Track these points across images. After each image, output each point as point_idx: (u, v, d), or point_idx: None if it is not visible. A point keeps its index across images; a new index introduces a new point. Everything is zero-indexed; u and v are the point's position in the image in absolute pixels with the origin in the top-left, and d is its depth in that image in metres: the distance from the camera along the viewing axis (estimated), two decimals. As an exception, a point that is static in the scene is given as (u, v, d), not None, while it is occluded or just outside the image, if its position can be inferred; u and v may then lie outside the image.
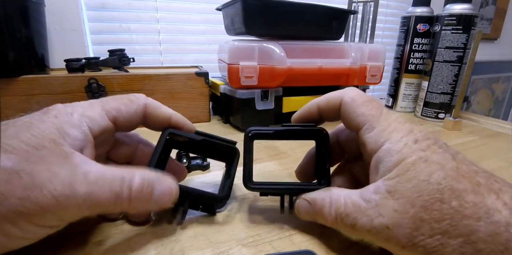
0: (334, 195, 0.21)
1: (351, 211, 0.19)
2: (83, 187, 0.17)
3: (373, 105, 0.21)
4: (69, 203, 0.17)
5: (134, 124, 0.23)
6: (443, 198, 0.16)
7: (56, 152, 0.17)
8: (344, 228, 0.20)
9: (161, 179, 0.20)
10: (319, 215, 0.21)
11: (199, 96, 0.54)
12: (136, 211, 0.21)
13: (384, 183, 0.18)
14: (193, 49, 0.77)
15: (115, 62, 0.51)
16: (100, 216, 0.24)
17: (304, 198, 0.22)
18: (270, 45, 0.47)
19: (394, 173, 0.18)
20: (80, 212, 0.18)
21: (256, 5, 0.46)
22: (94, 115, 0.20)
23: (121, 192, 0.18)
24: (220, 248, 0.22)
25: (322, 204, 0.21)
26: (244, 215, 0.26)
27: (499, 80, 1.67)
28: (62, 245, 0.21)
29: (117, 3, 0.68)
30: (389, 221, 0.17)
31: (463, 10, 0.55)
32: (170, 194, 0.21)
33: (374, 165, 0.20)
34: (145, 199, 0.19)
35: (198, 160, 0.35)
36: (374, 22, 0.65)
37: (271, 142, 0.46)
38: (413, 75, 0.65)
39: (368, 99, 0.22)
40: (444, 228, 0.16)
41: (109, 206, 0.18)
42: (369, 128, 0.20)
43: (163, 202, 0.20)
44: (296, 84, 0.51)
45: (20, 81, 0.44)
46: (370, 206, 0.18)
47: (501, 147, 0.47)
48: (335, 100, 0.22)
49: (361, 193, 0.19)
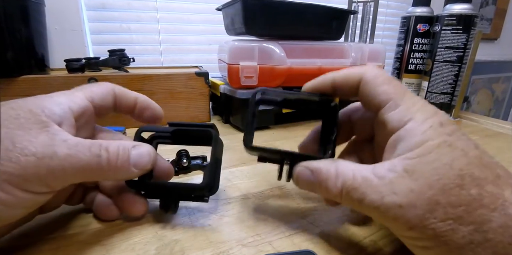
0: (341, 166, 0.20)
1: (360, 185, 0.18)
2: (63, 149, 0.18)
3: (396, 84, 0.20)
4: (51, 163, 0.17)
5: (108, 105, 0.24)
6: (463, 184, 0.16)
7: (33, 120, 0.18)
8: (348, 202, 0.19)
9: (135, 144, 0.21)
10: (322, 186, 0.20)
11: (199, 96, 0.54)
12: (119, 176, 0.21)
13: (403, 162, 0.17)
14: (193, 49, 0.77)
15: (115, 62, 0.51)
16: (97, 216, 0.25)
17: (307, 166, 0.21)
18: (270, 45, 0.47)
19: (415, 153, 0.17)
20: (64, 175, 0.18)
21: (256, 5, 0.46)
22: (73, 96, 0.22)
23: (100, 154, 0.19)
24: (220, 248, 0.22)
25: (328, 174, 0.20)
26: (244, 215, 0.26)
27: (499, 80, 1.67)
28: (62, 245, 0.21)
29: (117, 3, 0.68)
30: (403, 199, 0.16)
31: (463, 10, 0.55)
32: (147, 154, 0.21)
33: (391, 144, 0.19)
34: (124, 160, 0.20)
35: (198, 160, 0.35)
36: (374, 22, 0.65)
37: (271, 141, 0.46)
38: (413, 75, 0.65)
39: (391, 77, 0.21)
40: (458, 214, 0.16)
41: (91, 169, 0.19)
42: (393, 106, 0.19)
43: (142, 163, 0.21)
44: (296, 84, 0.51)
45: (20, 81, 0.44)
46: (383, 183, 0.17)
47: (501, 147, 0.47)
48: (354, 77, 0.21)
49: (373, 169, 0.18)
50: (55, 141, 0.18)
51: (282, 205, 0.28)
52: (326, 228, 0.24)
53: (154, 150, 0.22)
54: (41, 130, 0.18)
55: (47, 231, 0.23)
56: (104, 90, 0.24)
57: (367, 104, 0.22)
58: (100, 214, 0.24)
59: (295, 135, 0.49)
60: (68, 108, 0.21)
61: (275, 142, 0.46)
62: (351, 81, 0.22)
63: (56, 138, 0.18)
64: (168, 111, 0.52)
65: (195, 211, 0.26)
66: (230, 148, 0.41)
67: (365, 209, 0.18)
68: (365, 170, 0.19)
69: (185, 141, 0.27)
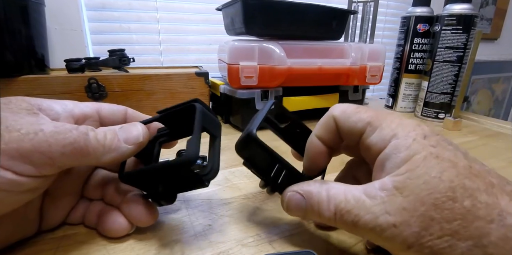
0: (333, 189, 0.19)
1: (353, 207, 0.18)
2: (49, 127, 0.17)
3: (366, 110, 0.20)
4: (35, 138, 0.16)
5: (117, 121, 0.24)
6: (455, 196, 0.15)
7: (24, 106, 0.18)
8: (343, 225, 0.19)
9: (123, 125, 0.21)
10: (315, 211, 0.19)
11: (199, 96, 0.53)
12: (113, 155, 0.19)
13: (392, 179, 0.17)
14: (193, 49, 0.77)
15: (115, 62, 0.51)
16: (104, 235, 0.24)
17: (297, 190, 0.20)
18: (270, 45, 0.47)
19: (403, 169, 0.17)
20: (50, 152, 0.17)
21: (256, 5, 0.46)
22: (80, 103, 0.22)
23: (87, 133, 0.18)
24: (220, 248, 0.22)
25: (319, 198, 0.19)
26: (244, 215, 0.26)
27: (499, 80, 1.67)
28: (62, 245, 0.21)
29: (117, 3, 0.68)
30: (396, 219, 0.16)
31: (463, 10, 0.55)
32: (135, 128, 0.21)
33: (379, 163, 0.19)
34: (112, 137, 0.20)
35: (198, 160, 0.35)
36: (374, 22, 0.65)
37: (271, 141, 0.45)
38: (413, 75, 0.65)
39: (358, 106, 0.21)
40: (454, 228, 0.15)
41: (80, 148, 0.18)
42: (372, 129, 0.19)
43: (132, 136, 0.20)
44: (296, 84, 0.51)
45: (20, 81, 0.44)
46: (375, 203, 0.17)
47: (501, 147, 0.47)
48: (328, 122, 0.21)
49: (364, 189, 0.18)
50: (41, 120, 0.18)
51: (282, 205, 0.28)
52: (326, 228, 0.24)
53: (143, 125, 0.22)
54: (29, 114, 0.18)
55: (47, 231, 0.23)
56: (115, 107, 0.24)
57: (350, 140, 0.21)
58: (106, 228, 0.22)
59: (295, 135, 0.49)
60: (70, 109, 0.21)
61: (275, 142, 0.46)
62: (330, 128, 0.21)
63: (42, 118, 0.18)
64: (168, 111, 0.52)
65: (195, 211, 0.26)
66: (230, 148, 0.41)
67: (361, 231, 0.18)
68: (356, 190, 0.18)
69: (177, 126, 0.25)
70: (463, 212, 0.15)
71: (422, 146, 0.17)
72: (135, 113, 0.25)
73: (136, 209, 0.22)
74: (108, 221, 0.22)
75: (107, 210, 0.23)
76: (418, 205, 0.16)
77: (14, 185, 0.16)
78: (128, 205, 0.22)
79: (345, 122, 0.20)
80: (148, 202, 0.22)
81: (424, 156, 0.17)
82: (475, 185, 0.16)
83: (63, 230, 0.23)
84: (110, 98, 0.49)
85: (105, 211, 0.23)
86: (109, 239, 0.22)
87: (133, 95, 0.50)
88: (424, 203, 0.16)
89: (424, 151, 0.17)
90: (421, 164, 0.16)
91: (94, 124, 0.23)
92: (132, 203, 0.22)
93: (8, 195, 0.17)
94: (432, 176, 0.16)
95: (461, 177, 0.16)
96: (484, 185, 0.16)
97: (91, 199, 0.24)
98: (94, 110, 0.23)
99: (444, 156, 0.17)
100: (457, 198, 0.15)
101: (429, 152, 0.17)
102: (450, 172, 0.16)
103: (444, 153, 0.17)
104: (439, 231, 0.15)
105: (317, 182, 0.21)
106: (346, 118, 0.20)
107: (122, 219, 0.22)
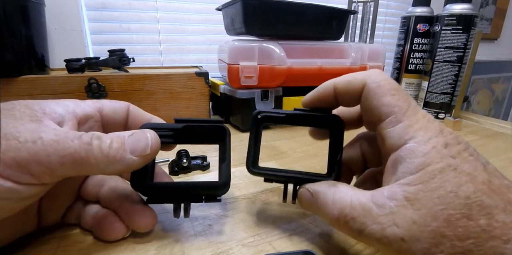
0: (339, 193, 0.19)
1: (359, 214, 0.17)
2: (50, 135, 0.16)
3: (401, 95, 0.18)
4: (33, 147, 0.16)
5: (119, 120, 0.24)
6: (471, 214, 0.15)
7: (28, 113, 0.18)
8: (348, 232, 0.18)
9: (134, 132, 0.20)
10: (320, 210, 0.19)
11: (199, 96, 0.54)
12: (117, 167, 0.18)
13: (403, 189, 0.16)
14: (193, 49, 0.77)
15: (115, 62, 0.51)
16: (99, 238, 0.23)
17: (308, 188, 0.21)
18: (270, 45, 0.47)
19: (416, 178, 0.16)
20: (48, 162, 0.16)
21: (256, 5, 0.46)
22: (81, 102, 0.22)
23: (91, 143, 0.17)
24: (220, 248, 0.22)
25: (325, 199, 0.19)
26: (244, 215, 0.26)
27: (499, 80, 1.67)
28: (62, 245, 0.21)
29: (117, 3, 0.68)
30: (405, 232, 0.15)
31: (463, 10, 0.55)
32: (145, 138, 0.19)
33: (391, 164, 0.18)
34: (118, 147, 0.18)
35: (198, 160, 0.35)
36: (374, 22, 0.65)
37: (271, 141, 0.46)
38: (413, 75, 0.65)
39: (396, 87, 0.19)
40: (467, 247, 0.14)
41: (81, 158, 0.17)
42: (394, 121, 0.18)
43: (140, 147, 0.19)
44: (296, 84, 0.51)
45: (20, 81, 0.44)
46: (383, 213, 0.16)
47: (501, 147, 0.47)
48: (356, 83, 0.20)
49: (372, 196, 0.17)
50: (43, 127, 0.17)
51: (282, 205, 0.28)
52: (326, 228, 0.24)
53: (156, 134, 0.20)
54: (31, 120, 0.17)
55: (47, 231, 0.23)
56: (116, 104, 0.23)
57: (367, 114, 0.20)
58: (102, 232, 0.22)
59: (295, 135, 0.49)
60: (72, 110, 0.20)
61: (275, 142, 0.46)
62: (353, 88, 0.20)
63: (45, 125, 0.17)
64: (168, 111, 0.52)
65: (195, 211, 0.26)
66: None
67: (367, 240, 0.17)
68: (364, 197, 0.17)
69: (192, 138, 0.25)
70: (477, 230, 0.14)
71: (440, 156, 0.16)
72: (138, 111, 0.24)
73: (136, 214, 0.22)
74: (104, 225, 0.22)
75: (103, 213, 0.22)
76: (429, 219, 0.15)
77: (13, 193, 0.16)
78: (126, 210, 0.22)
79: (373, 99, 0.19)
80: (146, 207, 0.22)
81: (441, 167, 0.16)
82: (493, 203, 0.15)
83: (63, 230, 0.23)
84: (110, 98, 0.48)
85: (101, 214, 0.22)
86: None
87: (133, 95, 0.50)
88: (437, 218, 0.15)
89: (442, 162, 0.16)
90: (437, 175, 0.16)
91: (97, 124, 0.23)
92: (131, 208, 0.22)
93: (8, 203, 0.17)
94: (448, 191, 0.15)
95: (479, 194, 0.15)
96: (503, 203, 0.15)
97: (87, 200, 0.24)
98: (95, 109, 0.22)
99: (463, 168, 0.16)
100: (472, 216, 0.15)
101: (448, 164, 0.16)
102: (467, 187, 0.15)
103: (463, 166, 0.16)
104: (450, 249, 0.15)
105: (328, 183, 0.21)
106: (375, 96, 0.19)
107: (119, 224, 0.22)
